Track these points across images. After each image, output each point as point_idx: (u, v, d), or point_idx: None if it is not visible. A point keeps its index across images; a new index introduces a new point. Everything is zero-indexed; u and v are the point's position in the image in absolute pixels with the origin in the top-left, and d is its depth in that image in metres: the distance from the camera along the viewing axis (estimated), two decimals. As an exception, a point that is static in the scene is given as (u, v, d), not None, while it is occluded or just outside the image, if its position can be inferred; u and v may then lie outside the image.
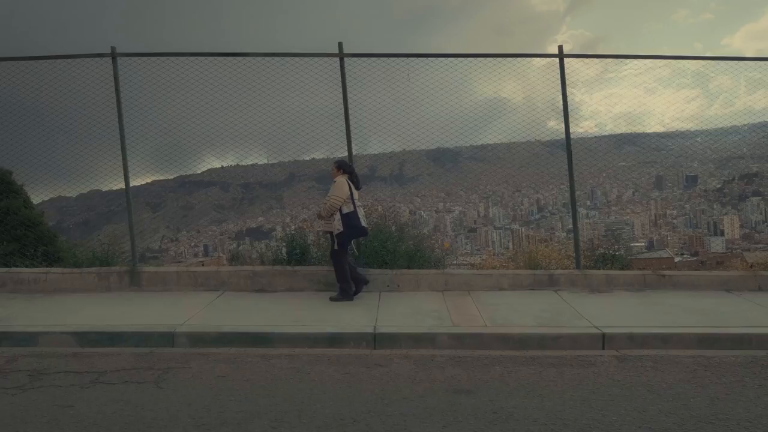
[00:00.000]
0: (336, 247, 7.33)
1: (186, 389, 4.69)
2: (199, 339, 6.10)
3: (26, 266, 8.29)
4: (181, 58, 7.94)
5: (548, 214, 34.48)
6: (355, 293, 7.46)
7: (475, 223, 30.32)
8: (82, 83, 8.10)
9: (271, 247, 9.42)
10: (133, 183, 8.54)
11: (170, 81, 8.11)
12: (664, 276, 7.67)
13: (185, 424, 3.97)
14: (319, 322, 6.47)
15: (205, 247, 31.31)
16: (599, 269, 8.00)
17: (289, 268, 7.89)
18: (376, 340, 6.00)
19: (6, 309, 7.07)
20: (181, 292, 7.80)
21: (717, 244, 27.47)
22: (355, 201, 7.33)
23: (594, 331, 5.97)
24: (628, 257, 8.79)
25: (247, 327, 6.28)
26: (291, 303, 7.31)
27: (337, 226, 7.23)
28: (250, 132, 8.55)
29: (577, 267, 7.98)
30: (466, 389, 4.63)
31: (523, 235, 32.09)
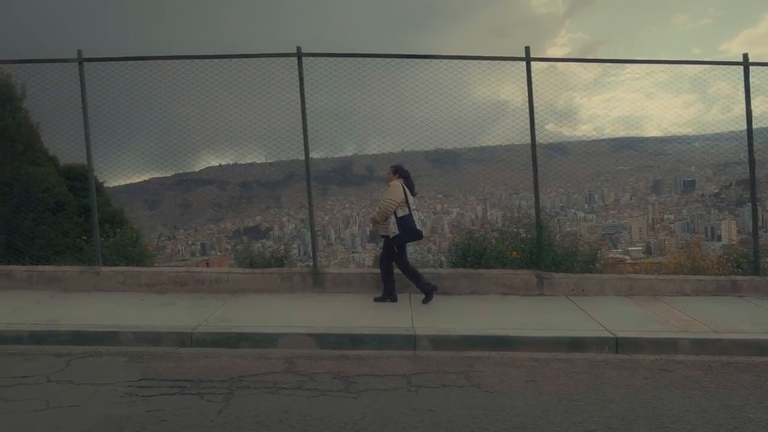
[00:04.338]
0: (396, 250, 7.42)
1: (513, 392, 4.74)
2: (441, 342, 6.13)
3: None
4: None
5: (546, 217, 35.07)
6: (426, 300, 7.45)
7: (472, 224, 30.59)
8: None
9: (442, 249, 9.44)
10: (132, 180, 8.46)
11: (170, 80, 8.08)
12: None
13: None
14: (545, 325, 6.57)
15: (203, 245, 30.82)
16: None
17: (473, 271, 7.94)
18: (618, 344, 6.11)
19: (209, 309, 6.96)
20: (368, 293, 7.76)
21: (715, 249, 28.22)
22: (411, 205, 7.39)
23: (829, 338, 6.20)
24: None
25: (485, 330, 6.32)
26: (495, 306, 7.42)
27: (393, 229, 7.33)
28: (249, 131, 8.56)
29: (756, 273, 8.24)
30: (792, 395, 4.78)
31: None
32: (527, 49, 7.94)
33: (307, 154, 7.91)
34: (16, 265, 8.09)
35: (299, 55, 7.78)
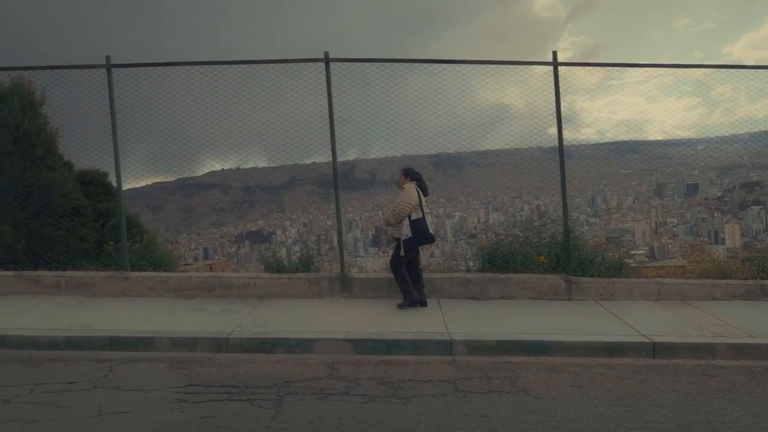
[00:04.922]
0: (402, 254, 7.37)
1: (562, 398, 4.73)
2: (477, 347, 6.11)
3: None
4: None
5: (549, 221, 35.03)
6: (401, 305, 7.41)
7: (475, 228, 30.51)
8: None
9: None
10: (134, 185, 8.47)
11: (172, 84, 8.10)
12: None
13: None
14: (580, 330, 6.56)
15: (205, 249, 30.78)
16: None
17: (501, 275, 7.93)
18: (656, 349, 6.10)
19: (241, 314, 6.96)
20: (396, 298, 7.70)
21: (718, 253, 28.19)
22: (424, 208, 7.39)
23: None
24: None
25: (522, 335, 6.32)
26: (526, 310, 7.40)
27: (406, 232, 7.31)
28: (251, 135, 8.56)
29: (787, 278, 8.25)
30: None
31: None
32: (554, 53, 7.93)
33: (334, 158, 7.89)
34: (43, 270, 8.07)
35: (327, 60, 7.77)
